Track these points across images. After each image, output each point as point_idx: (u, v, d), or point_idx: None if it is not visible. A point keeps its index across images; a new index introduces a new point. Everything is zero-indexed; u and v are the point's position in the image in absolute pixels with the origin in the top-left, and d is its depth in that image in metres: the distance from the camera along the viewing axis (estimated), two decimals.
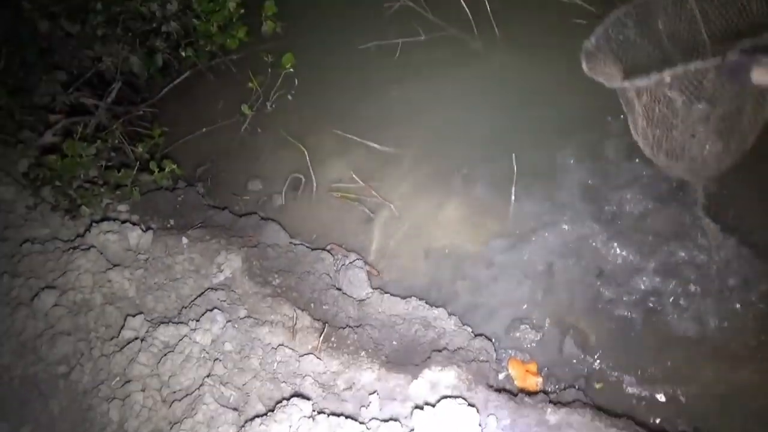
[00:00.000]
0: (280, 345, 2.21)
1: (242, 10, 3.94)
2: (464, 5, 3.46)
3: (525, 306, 2.54)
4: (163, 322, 2.21)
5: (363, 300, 2.67)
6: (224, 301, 2.36)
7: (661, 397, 2.20)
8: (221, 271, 2.57)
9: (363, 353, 2.33)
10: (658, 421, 2.16)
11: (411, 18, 3.64)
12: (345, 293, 2.68)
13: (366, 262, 2.84)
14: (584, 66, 2.03)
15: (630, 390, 2.25)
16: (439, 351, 2.33)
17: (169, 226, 2.95)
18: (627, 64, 2.22)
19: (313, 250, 2.88)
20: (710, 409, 2.13)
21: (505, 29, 3.45)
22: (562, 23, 3.21)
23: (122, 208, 2.93)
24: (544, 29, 3.32)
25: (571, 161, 2.86)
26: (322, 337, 2.31)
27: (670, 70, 1.66)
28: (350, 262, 2.80)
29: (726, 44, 1.80)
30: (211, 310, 2.24)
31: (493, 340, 2.46)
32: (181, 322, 2.22)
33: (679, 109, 1.85)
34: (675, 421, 2.14)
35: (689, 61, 1.94)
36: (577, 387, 2.28)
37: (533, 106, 3.08)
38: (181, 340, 2.13)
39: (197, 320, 2.21)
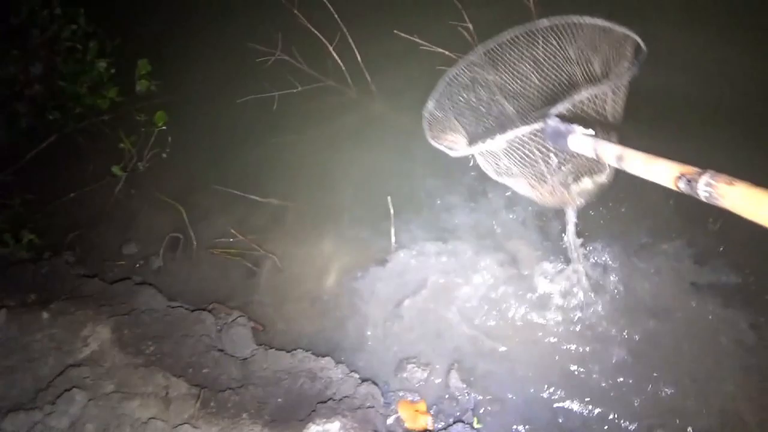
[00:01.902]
0: (150, 418, 2.06)
1: (113, 70, 3.86)
2: (336, 57, 3.56)
3: (411, 345, 2.54)
4: (11, 411, 2.00)
5: (247, 358, 2.56)
6: (87, 377, 2.18)
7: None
8: (87, 345, 2.38)
9: (245, 415, 2.22)
10: None
11: (287, 71, 3.68)
12: (227, 353, 2.57)
13: (250, 318, 2.75)
14: (427, 135, 2.06)
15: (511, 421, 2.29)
16: (324, 402, 2.26)
17: (30, 301, 2.71)
18: (468, 127, 2.35)
19: (192, 311, 2.75)
20: None
21: (377, 78, 3.57)
22: (429, 70, 3.37)
23: None
24: (413, 76, 3.46)
25: (446, 197, 2.96)
26: (198, 404, 2.18)
27: (501, 136, 1.68)
28: (233, 321, 2.70)
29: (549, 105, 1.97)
30: (69, 390, 2.06)
31: (381, 383, 2.43)
32: (36, 407, 2.01)
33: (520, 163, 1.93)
34: None
35: (522, 121, 2.17)
36: (465, 421, 2.29)
37: (407, 150, 3.18)
38: (32, 427, 1.92)
39: (53, 403, 2.01)
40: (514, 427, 2.26)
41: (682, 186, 1.10)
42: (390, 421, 2.30)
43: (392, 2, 3.72)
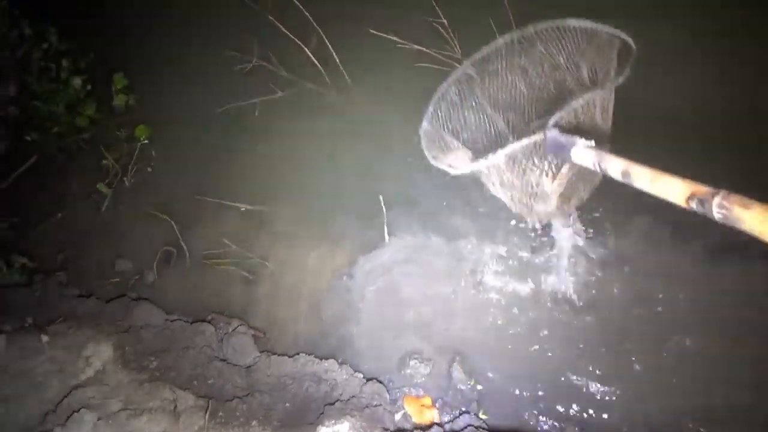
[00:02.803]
0: None
1: (89, 86, 3.83)
2: (314, 59, 3.57)
3: (412, 340, 2.59)
4: None
5: (250, 366, 2.59)
6: (93, 397, 2.19)
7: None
8: (90, 365, 2.39)
9: (254, 422, 2.24)
10: None
11: (266, 77, 3.69)
12: (230, 362, 2.59)
13: (250, 326, 2.77)
14: (427, 155, 2.06)
15: (518, 409, 2.35)
16: (332, 404, 2.30)
17: (27, 325, 2.70)
18: (466, 143, 2.38)
19: (192, 323, 2.76)
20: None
21: (355, 77, 3.60)
22: (406, 66, 3.40)
23: None
24: (391, 73, 3.49)
25: (435, 192, 3.01)
26: (207, 415, 2.20)
27: (501, 151, 1.65)
28: (233, 330, 2.73)
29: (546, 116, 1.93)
30: (78, 411, 2.06)
31: (386, 381, 2.48)
32: (45, 431, 2.02)
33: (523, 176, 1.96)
34: None
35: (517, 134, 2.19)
36: (470, 413, 2.34)
37: (391, 147, 3.21)
38: None
39: (63, 425, 2.02)
40: (520, 414, 2.32)
41: (694, 206, 1.06)
42: (398, 417, 2.35)
43: (367, 5, 3.74)
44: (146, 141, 3.35)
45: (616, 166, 1.35)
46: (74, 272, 3.18)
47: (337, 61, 3.55)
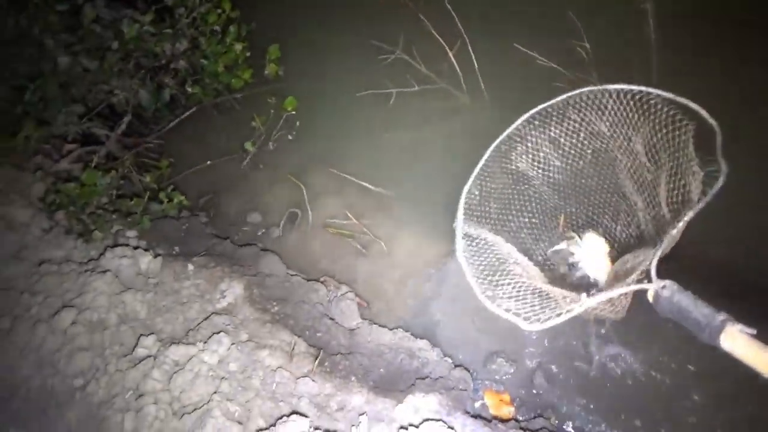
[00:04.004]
0: (279, 367, 2.43)
1: (248, 53, 4.25)
2: (454, 62, 3.81)
3: (502, 340, 2.80)
4: (173, 342, 2.42)
5: (353, 329, 2.90)
6: (228, 325, 2.58)
7: None
8: (224, 297, 2.78)
9: (353, 378, 2.55)
10: None
11: (405, 70, 3.97)
12: (337, 322, 2.91)
13: (356, 294, 3.08)
14: (480, 296, 1.69)
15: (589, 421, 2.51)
16: (423, 379, 2.56)
17: (175, 252, 3.16)
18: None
19: (308, 281, 3.11)
20: None
21: (491, 87, 3.80)
22: (543, 85, 3.56)
23: (131, 233, 3.13)
24: (526, 89, 3.66)
25: None
26: (317, 362, 2.54)
27: (593, 299, 1.44)
28: (342, 294, 3.04)
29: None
30: (218, 333, 2.45)
31: (471, 371, 2.71)
32: (190, 343, 2.43)
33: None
34: None
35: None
36: (545, 417, 2.54)
37: None
38: (190, 359, 2.33)
39: (205, 342, 2.41)
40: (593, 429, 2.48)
41: None
42: (477, 405, 2.58)
43: (514, 17, 3.92)
44: (292, 112, 3.72)
45: None
46: (214, 215, 3.64)
47: (476, 66, 3.76)
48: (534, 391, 2.64)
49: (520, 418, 2.55)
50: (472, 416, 2.39)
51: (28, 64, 3.37)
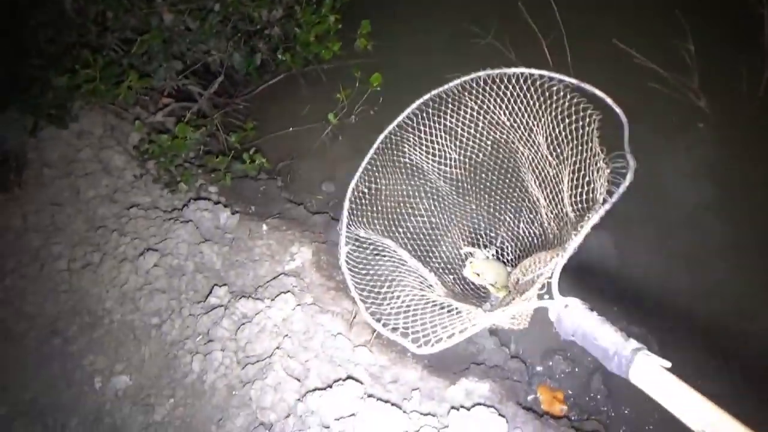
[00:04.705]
0: (338, 333, 2.50)
1: (339, 25, 4.29)
2: (547, 53, 3.71)
3: (561, 339, 2.76)
4: (243, 296, 2.54)
5: None
6: (295, 286, 2.68)
7: None
8: (293, 260, 2.88)
9: (409, 354, 2.59)
10: None
11: (495, 56, 3.90)
12: None
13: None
14: (363, 314, 1.52)
15: None
16: (478, 365, 2.58)
17: (250, 211, 3.29)
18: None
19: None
20: None
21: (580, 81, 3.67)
22: (638, 85, 3.42)
23: (213, 189, 3.29)
24: (621, 88, 3.52)
25: None
26: (375, 334, 2.59)
27: (481, 323, 1.30)
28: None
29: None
30: (285, 293, 2.56)
31: (528, 364, 2.69)
32: (259, 299, 2.54)
33: None
34: None
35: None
36: (598, 420, 2.49)
37: None
38: (258, 313, 2.45)
39: (272, 299, 2.52)
40: None
41: None
42: (530, 398, 2.56)
43: (616, 11, 3.76)
44: (378, 88, 3.75)
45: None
46: (290, 180, 3.75)
47: (569, 59, 3.65)
48: (590, 394, 2.59)
49: (572, 418, 2.52)
50: (524, 408, 2.39)
51: (137, 19, 3.56)
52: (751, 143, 3.12)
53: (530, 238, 2.15)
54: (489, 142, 1.97)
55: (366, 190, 1.97)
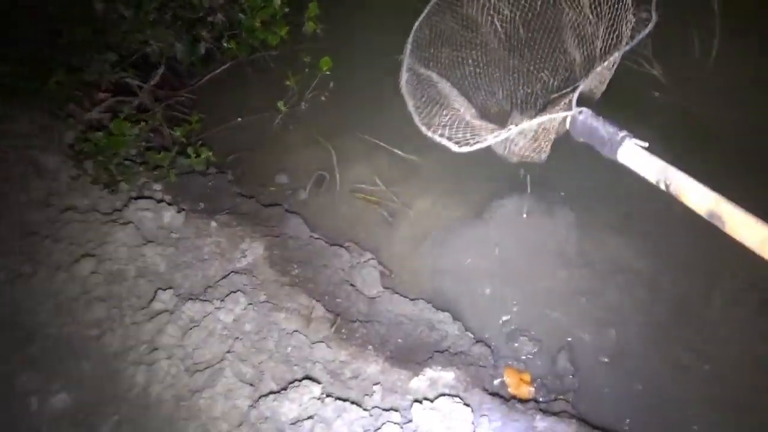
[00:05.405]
0: (294, 331, 2.38)
1: (286, 9, 4.10)
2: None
3: (527, 319, 2.70)
4: (190, 299, 2.39)
5: (373, 297, 2.83)
6: (246, 285, 2.54)
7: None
8: (245, 257, 2.74)
9: (370, 347, 2.49)
10: None
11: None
12: (357, 289, 2.84)
13: (380, 262, 3.00)
14: (418, 123, 1.94)
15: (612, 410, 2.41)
16: (441, 352, 2.49)
17: (199, 208, 3.12)
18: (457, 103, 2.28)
19: (331, 245, 3.04)
20: None
21: None
22: None
23: (157, 187, 3.11)
24: None
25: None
26: (334, 328, 2.48)
27: (519, 127, 1.56)
28: (365, 261, 2.97)
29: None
30: (235, 292, 2.42)
31: (492, 347, 2.62)
32: (207, 300, 2.40)
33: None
34: None
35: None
36: (566, 399, 2.44)
37: None
38: (206, 316, 2.30)
39: (222, 300, 2.38)
40: (612, 419, 2.38)
41: None
42: (496, 382, 2.49)
43: None
44: (327, 72, 3.60)
45: (698, 199, 1.11)
46: (241, 174, 3.58)
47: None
48: (556, 373, 2.53)
49: (540, 399, 2.46)
50: (490, 394, 2.32)
51: (63, 8, 3.32)
52: (705, 108, 3.09)
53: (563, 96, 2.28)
54: (539, 3, 2.22)
55: (427, 32, 2.29)
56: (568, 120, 1.48)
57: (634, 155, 1.30)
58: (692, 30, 3.24)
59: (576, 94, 1.48)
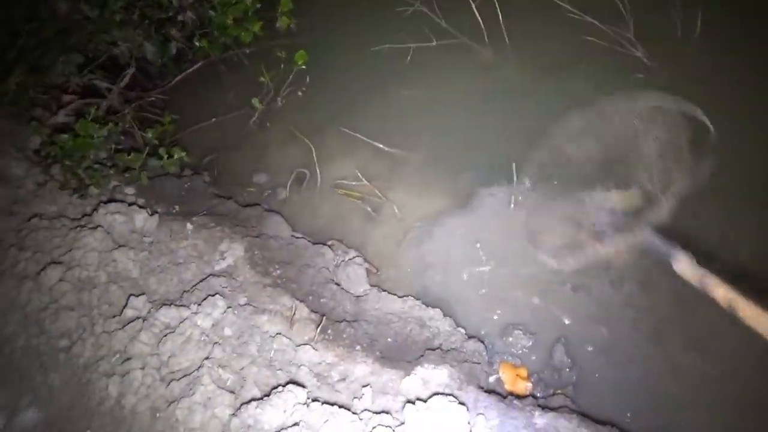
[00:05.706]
0: (277, 334, 2.26)
1: (258, 5, 3.99)
2: (477, 15, 3.53)
3: (520, 312, 2.60)
4: (165, 304, 2.26)
5: (360, 296, 2.72)
6: (225, 287, 2.41)
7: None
8: (223, 259, 2.62)
9: (358, 347, 2.38)
10: None
11: (424, 23, 3.69)
12: (343, 288, 2.73)
13: (365, 260, 2.89)
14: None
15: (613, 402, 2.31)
16: (433, 350, 2.38)
17: (174, 211, 2.99)
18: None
19: (314, 244, 2.93)
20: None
21: (515, 41, 3.52)
22: (573, 41, 3.28)
23: (129, 190, 2.98)
24: (555, 44, 3.39)
25: None
26: (319, 329, 2.36)
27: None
28: (350, 259, 2.85)
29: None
30: (213, 296, 2.29)
31: (486, 343, 2.52)
32: (183, 305, 2.27)
33: None
34: None
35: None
36: (565, 394, 2.34)
37: (538, 118, 3.13)
38: (182, 322, 2.17)
39: (199, 304, 2.25)
40: (613, 411, 2.28)
41: None
42: (491, 379, 2.39)
43: None
44: (303, 66, 3.49)
45: (721, 295, 1.44)
46: (218, 175, 3.46)
47: (501, 20, 3.48)
48: (554, 367, 2.44)
49: (538, 395, 2.36)
50: (486, 391, 2.21)
51: (26, 9, 3.18)
52: (689, 87, 3.02)
53: None
54: None
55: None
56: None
57: (685, 266, 1.61)
58: (674, 11, 3.18)
59: (650, 220, 1.76)
